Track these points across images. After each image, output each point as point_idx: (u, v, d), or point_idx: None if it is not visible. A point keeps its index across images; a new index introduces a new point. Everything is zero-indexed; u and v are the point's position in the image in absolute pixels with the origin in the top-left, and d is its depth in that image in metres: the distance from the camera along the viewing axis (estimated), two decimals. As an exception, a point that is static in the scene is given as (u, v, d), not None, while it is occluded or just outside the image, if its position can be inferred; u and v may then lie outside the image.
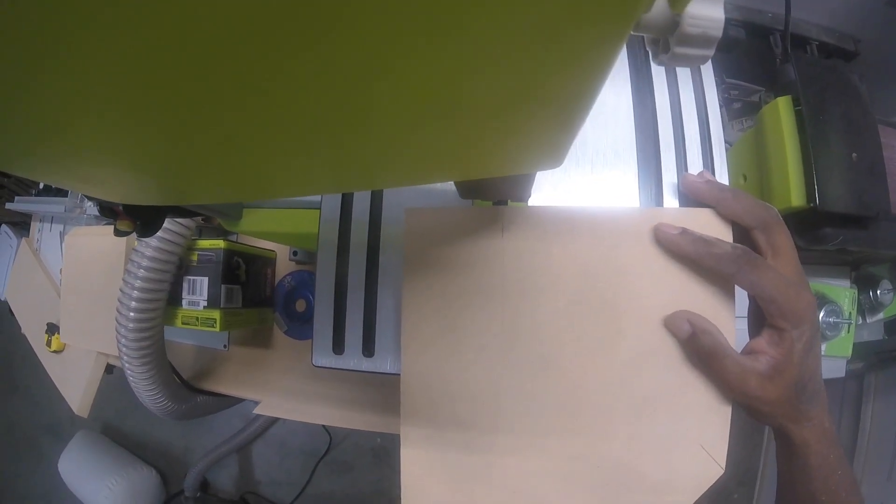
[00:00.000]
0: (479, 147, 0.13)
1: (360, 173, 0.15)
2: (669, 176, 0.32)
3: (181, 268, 0.59)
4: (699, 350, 0.27)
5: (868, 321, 0.62)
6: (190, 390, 0.70)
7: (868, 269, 0.62)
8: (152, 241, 0.53)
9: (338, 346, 0.31)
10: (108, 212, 0.32)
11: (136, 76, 0.09)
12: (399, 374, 0.29)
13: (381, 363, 0.31)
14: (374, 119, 0.11)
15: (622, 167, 0.32)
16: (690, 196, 0.30)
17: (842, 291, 0.56)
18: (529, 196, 0.25)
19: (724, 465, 0.29)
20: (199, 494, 1.42)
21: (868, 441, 1.00)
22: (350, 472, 1.52)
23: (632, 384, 0.29)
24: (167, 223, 0.54)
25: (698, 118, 0.32)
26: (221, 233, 0.66)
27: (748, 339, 0.30)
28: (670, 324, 0.28)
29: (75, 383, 0.85)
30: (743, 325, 0.31)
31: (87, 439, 1.60)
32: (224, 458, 1.51)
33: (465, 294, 0.29)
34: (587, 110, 0.12)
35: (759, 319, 0.29)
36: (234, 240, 0.63)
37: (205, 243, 0.59)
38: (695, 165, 0.32)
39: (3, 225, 1.64)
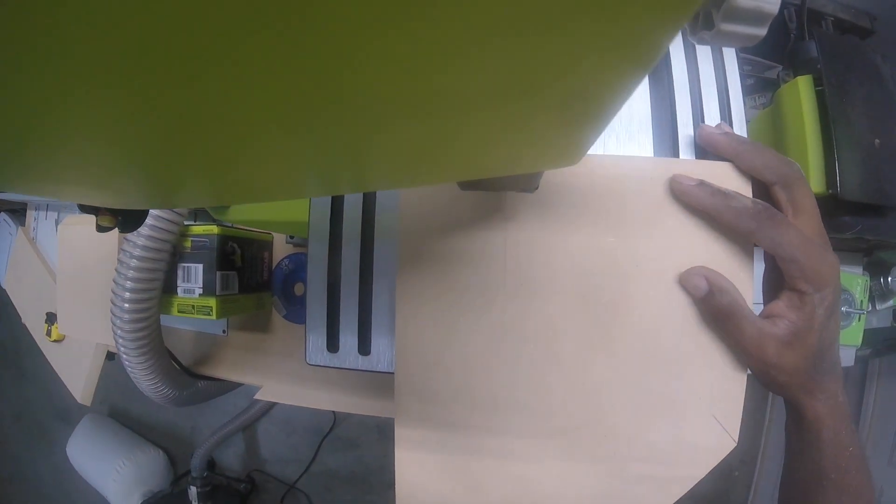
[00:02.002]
0: (481, 148, 0.11)
1: (348, 176, 0.14)
2: (687, 165, 0.30)
3: (175, 255, 0.57)
4: (715, 310, 0.26)
5: (878, 308, 0.61)
6: (190, 377, 0.69)
7: (880, 256, 0.60)
8: (143, 229, 0.52)
9: (332, 344, 0.30)
10: (88, 208, 0.30)
11: (119, 84, 0.08)
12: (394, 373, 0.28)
13: (377, 361, 0.30)
14: (356, 116, 0.09)
15: (636, 150, 0.30)
16: (707, 149, 0.28)
17: (854, 279, 0.54)
18: (537, 188, 0.23)
19: (737, 438, 0.27)
20: (205, 474, 1.44)
21: (870, 425, 1.00)
22: (355, 449, 1.54)
23: (642, 349, 0.27)
24: (158, 210, 0.52)
25: (718, 96, 0.30)
26: (216, 219, 0.65)
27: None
28: (685, 281, 0.26)
29: (77, 372, 0.85)
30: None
31: (95, 423, 1.62)
32: (230, 438, 1.53)
33: (462, 286, 0.27)
34: (623, 103, 0.11)
35: (774, 284, 0.27)
36: (229, 224, 0.62)
37: (198, 229, 0.57)
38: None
39: (2, 213, 1.63)
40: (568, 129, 0.11)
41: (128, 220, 0.31)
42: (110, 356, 0.87)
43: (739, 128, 0.30)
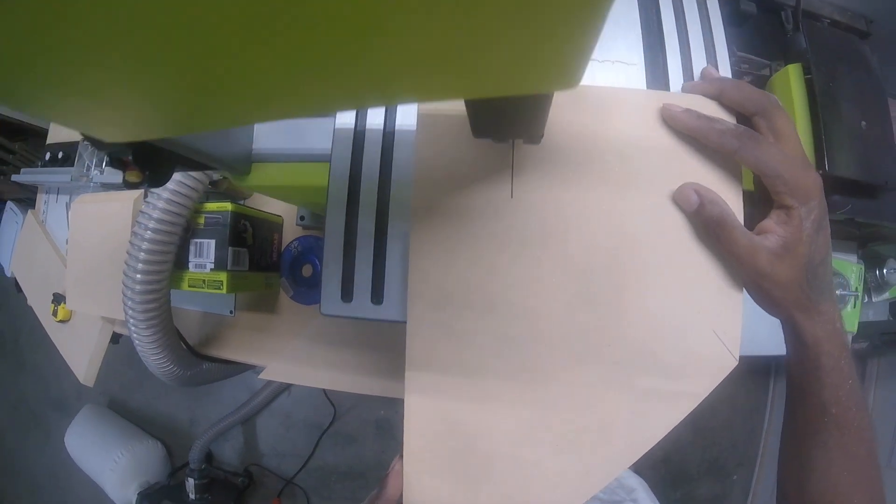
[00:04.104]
0: (486, 50, 0.13)
1: (369, 80, 0.15)
2: (675, 97, 0.32)
3: (188, 231, 0.59)
4: (708, 220, 0.27)
5: (874, 300, 0.62)
6: (196, 357, 0.70)
7: (875, 248, 0.62)
8: (159, 202, 0.53)
9: (346, 294, 0.31)
10: (118, 163, 0.32)
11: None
12: (406, 322, 0.30)
13: (388, 311, 0.31)
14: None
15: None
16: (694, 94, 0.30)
17: (849, 265, 0.56)
18: (542, 136, 0.25)
19: (738, 357, 0.28)
20: (203, 466, 1.44)
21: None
22: (353, 444, 1.55)
23: (641, 258, 0.29)
24: (175, 184, 0.54)
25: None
26: (229, 198, 0.66)
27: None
28: (678, 196, 0.28)
29: (81, 353, 0.86)
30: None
31: (93, 413, 1.63)
32: (229, 431, 1.53)
33: (472, 236, 0.29)
34: (603, 18, 0.12)
35: (762, 212, 0.29)
36: (242, 202, 0.64)
37: (212, 206, 0.59)
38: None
39: (9, 201, 1.65)
40: (561, 41, 0.13)
41: (154, 175, 0.32)
42: (114, 339, 0.88)
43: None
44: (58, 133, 0.95)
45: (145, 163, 0.32)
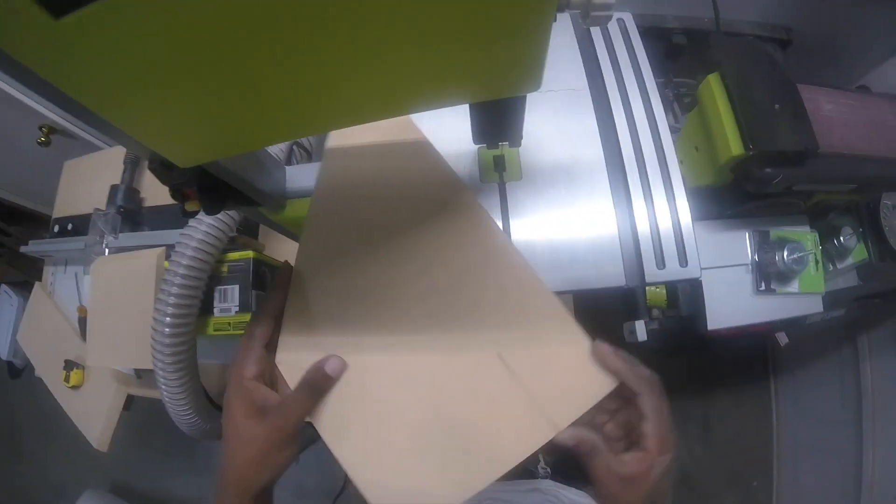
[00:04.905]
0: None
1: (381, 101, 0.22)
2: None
3: (212, 280, 0.62)
4: (580, 454, 0.35)
5: (839, 267, 0.67)
6: (216, 409, 0.71)
7: (829, 220, 0.67)
8: (187, 251, 0.57)
9: None
10: (179, 195, 0.36)
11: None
12: None
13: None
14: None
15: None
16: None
17: (804, 235, 0.61)
18: (521, 138, 0.31)
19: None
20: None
21: (872, 405, 1.04)
22: (367, 509, 1.49)
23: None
24: (201, 234, 0.57)
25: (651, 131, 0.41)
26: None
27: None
28: (562, 436, 0.35)
29: (95, 418, 0.85)
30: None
31: (94, 500, 1.55)
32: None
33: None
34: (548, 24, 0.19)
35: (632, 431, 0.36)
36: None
37: (234, 255, 0.63)
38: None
39: (3, 285, 1.63)
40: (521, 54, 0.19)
41: (211, 205, 0.37)
42: (127, 405, 0.86)
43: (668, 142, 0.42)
44: (65, 206, 0.98)
45: (204, 194, 0.37)
